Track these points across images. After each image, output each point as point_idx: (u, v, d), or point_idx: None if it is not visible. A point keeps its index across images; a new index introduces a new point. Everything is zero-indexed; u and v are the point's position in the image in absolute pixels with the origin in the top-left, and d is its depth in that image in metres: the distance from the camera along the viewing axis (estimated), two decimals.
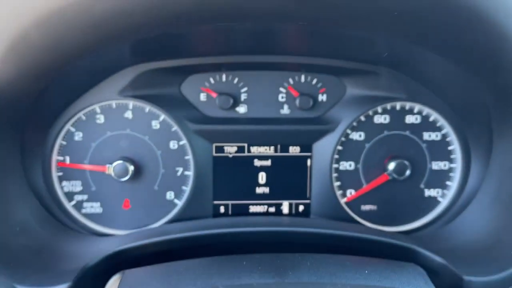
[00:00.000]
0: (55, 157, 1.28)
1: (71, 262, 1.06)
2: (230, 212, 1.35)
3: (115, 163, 1.26)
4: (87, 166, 1.29)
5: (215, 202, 1.35)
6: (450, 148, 1.36)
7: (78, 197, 1.31)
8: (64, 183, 1.30)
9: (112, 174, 1.25)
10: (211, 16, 0.87)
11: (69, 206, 1.30)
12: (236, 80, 1.33)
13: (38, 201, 1.24)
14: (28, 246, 1.08)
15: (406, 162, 1.31)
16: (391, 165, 1.32)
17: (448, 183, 1.37)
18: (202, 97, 1.33)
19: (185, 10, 0.83)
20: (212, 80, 1.32)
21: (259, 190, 1.36)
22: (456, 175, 1.36)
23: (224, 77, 1.32)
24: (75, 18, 0.82)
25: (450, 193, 1.37)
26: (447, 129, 1.35)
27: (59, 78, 1.07)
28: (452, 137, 1.35)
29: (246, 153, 1.34)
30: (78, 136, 1.28)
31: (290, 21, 0.95)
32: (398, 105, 1.34)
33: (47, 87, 1.06)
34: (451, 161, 1.36)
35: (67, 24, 0.83)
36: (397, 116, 1.34)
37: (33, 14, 0.80)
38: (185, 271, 0.88)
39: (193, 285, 0.81)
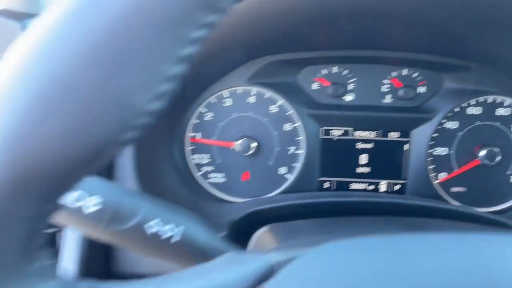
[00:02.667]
0: (188, 134, 1.51)
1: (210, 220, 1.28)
2: (333, 188, 1.54)
3: (240, 140, 1.47)
4: (216, 142, 1.51)
5: (321, 178, 1.54)
6: None
7: (205, 168, 1.53)
8: (195, 155, 1.52)
9: (239, 149, 1.47)
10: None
11: (197, 175, 1.53)
12: (345, 72, 1.51)
13: (174, 171, 1.47)
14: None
15: (496, 149, 1.46)
16: (483, 152, 1.47)
17: None
18: (314, 86, 1.52)
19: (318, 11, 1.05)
20: (324, 71, 1.51)
21: (360, 170, 1.54)
22: None
23: (335, 69, 1.51)
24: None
25: None
26: None
27: (201, 69, 1.30)
28: None
29: (350, 136, 1.52)
30: (209, 116, 1.51)
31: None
32: (490, 98, 1.49)
33: (192, 77, 1.29)
34: None
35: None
36: (489, 108, 1.49)
37: None
38: (327, 226, 1.07)
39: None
